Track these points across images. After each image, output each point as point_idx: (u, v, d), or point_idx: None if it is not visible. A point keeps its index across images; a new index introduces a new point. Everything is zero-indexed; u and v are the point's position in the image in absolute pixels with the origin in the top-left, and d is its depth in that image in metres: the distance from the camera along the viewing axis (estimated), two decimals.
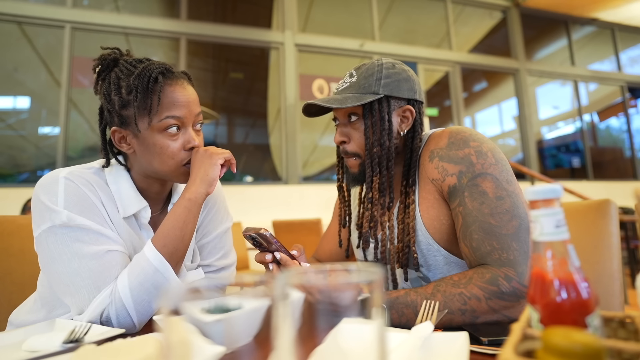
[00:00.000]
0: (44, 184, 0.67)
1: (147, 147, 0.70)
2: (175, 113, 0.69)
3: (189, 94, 0.71)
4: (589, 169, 5.78)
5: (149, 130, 0.69)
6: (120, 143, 0.72)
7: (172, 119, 0.68)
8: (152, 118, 0.68)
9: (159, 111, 0.68)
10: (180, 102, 0.69)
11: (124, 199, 0.72)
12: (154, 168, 0.71)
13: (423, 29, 5.47)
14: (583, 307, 0.28)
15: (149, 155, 0.70)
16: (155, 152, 0.69)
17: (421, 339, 0.44)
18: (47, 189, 0.66)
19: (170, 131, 0.69)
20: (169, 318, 0.21)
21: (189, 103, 0.70)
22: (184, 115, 0.70)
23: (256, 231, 0.68)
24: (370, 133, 0.73)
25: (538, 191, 0.30)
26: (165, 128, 0.69)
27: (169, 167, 0.71)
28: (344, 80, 0.78)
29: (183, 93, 0.70)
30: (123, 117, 0.69)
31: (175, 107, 0.69)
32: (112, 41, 4.06)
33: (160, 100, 0.67)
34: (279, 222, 3.08)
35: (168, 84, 0.69)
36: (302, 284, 0.25)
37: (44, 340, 0.53)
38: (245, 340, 0.24)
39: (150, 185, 0.77)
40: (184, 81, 0.72)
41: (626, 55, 6.47)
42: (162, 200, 0.83)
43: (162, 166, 0.70)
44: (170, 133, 0.69)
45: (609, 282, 0.79)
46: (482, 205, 0.64)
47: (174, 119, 0.69)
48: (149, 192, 0.78)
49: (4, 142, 3.80)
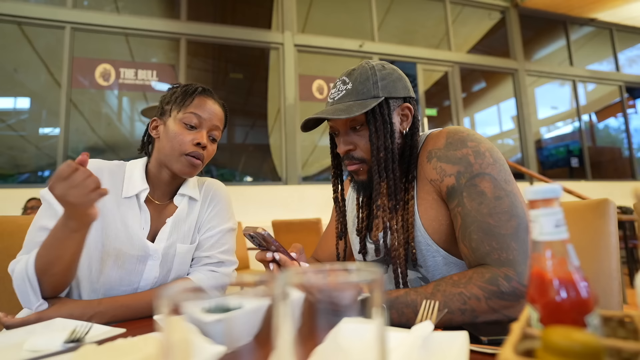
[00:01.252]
0: None
1: (168, 133, 0.85)
2: (198, 112, 0.85)
3: (216, 109, 0.88)
4: (588, 169, 5.79)
5: (176, 119, 0.85)
6: (152, 129, 0.89)
7: (194, 115, 0.85)
8: (182, 110, 0.85)
9: (188, 107, 0.85)
10: (206, 109, 0.86)
11: (131, 182, 0.86)
12: (165, 151, 0.85)
13: (422, 30, 5.48)
14: (582, 307, 0.29)
15: (167, 139, 0.84)
16: (172, 137, 0.84)
17: (421, 339, 0.44)
18: None
19: (188, 124, 0.84)
20: (169, 318, 0.21)
21: (212, 113, 0.87)
22: (204, 118, 0.85)
23: (254, 230, 0.68)
24: (375, 138, 0.72)
25: (538, 191, 0.30)
26: (187, 121, 0.84)
27: (174, 151, 0.83)
28: (338, 89, 0.76)
29: (211, 105, 0.88)
30: (164, 110, 0.88)
31: (200, 109, 0.86)
32: (112, 42, 4.07)
33: (193, 102, 0.86)
34: (278, 222, 3.08)
35: (204, 95, 0.88)
36: (302, 283, 0.25)
37: (45, 340, 0.53)
38: (245, 340, 0.24)
39: (160, 172, 0.88)
40: (216, 101, 0.90)
41: (624, 55, 6.48)
42: (170, 192, 0.91)
43: (171, 150, 0.83)
44: (188, 126, 0.84)
45: (607, 281, 0.79)
46: (481, 205, 0.64)
47: (196, 116, 0.85)
48: (158, 179, 0.89)
49: (4, 143, 3.79)
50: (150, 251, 0.82)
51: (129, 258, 0.80)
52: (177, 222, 0.88)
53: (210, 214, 0.93)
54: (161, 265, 0.83)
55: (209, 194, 0.96)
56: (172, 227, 0.87)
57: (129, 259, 0.80)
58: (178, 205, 0.90)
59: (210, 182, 0.99)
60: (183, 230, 0.88)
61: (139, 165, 0.89)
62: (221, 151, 4.63)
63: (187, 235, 0.89)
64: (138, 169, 0.88)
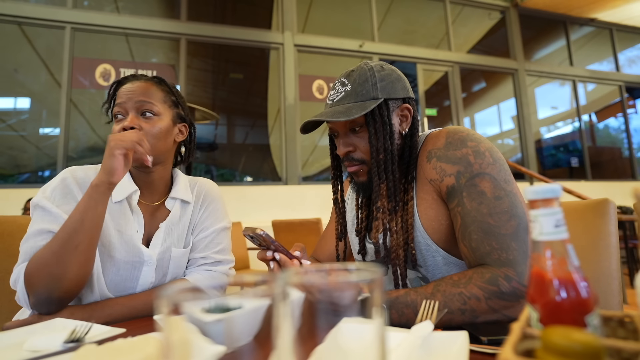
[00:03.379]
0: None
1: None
2: (118, 101, 0.82)
3: (134, 86, 0.83)
4: (588, 169, 5.79)
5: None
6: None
7: (116, 106, 0.83)
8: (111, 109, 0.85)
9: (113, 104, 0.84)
10: (123, 93, 0.82)
11: (119, 186, 0.82)
12: None
13: (422, 30, 5.48)
14: (582, 307, 0.29)
15: None
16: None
17: (421, 339, 0.44)
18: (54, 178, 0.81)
19: (116, 118, 0.83)
20: (169, 318, 0.21)
21: (130, 92, 0.82)
22: (124, 102, 0.82)
23: (253, 231, 0.68)
24: (374, 139, 0.72)
25: (537, 191, 0.30)
26: (115, 115, 0.83)
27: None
28: (337, 91, 0.76)
29: (129, 86, 0.83)
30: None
31: (119, 97, 0.83)
32: (112, 42, 4.07)
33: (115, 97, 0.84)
34: (278, 222, 3.08)
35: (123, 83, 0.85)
36: (302, 283, 0.25)
37: (45, 340, 0.53)
38: (245, 340, 0.24)
39: (136, 172, 0.86)
40: (136, 80, 0.85)
41: (624, 55, 6.48)
42: (160, 191, 0.89)
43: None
44: (116, 119, 0.83)
45: (607, 281, 0.79)
46: (481, 205, 0.64)
47: (117, 106, 0.82)
48: (139, 180, 0.86)
49: (4, 143, 3.79)
50: (145, 257, 0.81)
51: (124, 265, 0.79)
52: (171, 227, 0.87)
53: (203, 215, 0.92)
54: (157, 271, 0.83)
55: (201, 195, 0.94)
56: (166, 232, 0.85)
57: (124, 266, 0.79)
58: (170, 208, 0.89)
59: (202, 182, 0.98)
60: (177, 234, 0.87)
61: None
62: (221, 151, 4.63)
63: (181, 238, 0.88)
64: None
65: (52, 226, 0.72)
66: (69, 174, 0.80)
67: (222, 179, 4.62)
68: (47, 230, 0.72)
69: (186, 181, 0.94)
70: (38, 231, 0.73)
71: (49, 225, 0.73)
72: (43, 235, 0.72)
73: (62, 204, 0.76)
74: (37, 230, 0.73)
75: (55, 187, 0.78)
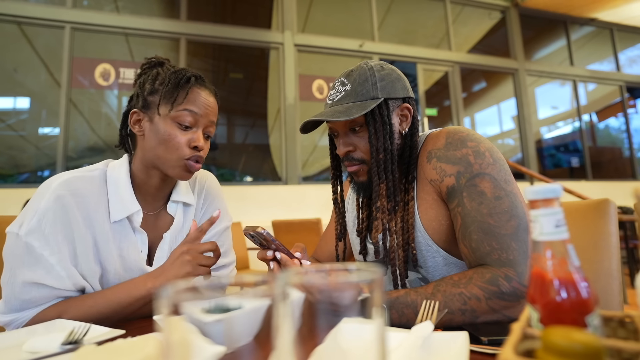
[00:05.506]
0: (39, 188, 0.71)
1: (157, 133, 0.74)
2: (194, 109, 0.75)
3: (211, 102, 0.78)
4: (588, 169, 5.79)
5: (167, 117, 0.74)
6: (134, 124, 0.77)
7: (189, 113, 0.74)
8: (174, 107, 0.74)
9: (182, 103, 0.74)
10: (202, 104, 0.76)
11: (118, 201, 0.75)
12: (156, 153, 0.75)
13: (422, 29, 5.47)
14: (583, 307, 0.28)
15: (157, 140, 0.74)
16: (164, 139, 0.74)
17: (421, 339, 0.44)
18: (38, 193, 0.70)
19: (183, 124, 0.74)
20: (169, 318, 0.21)
21: (208, 108, 0.77)
22: (200, 115, 0.75)
23: (254, 230, 0.68)
24: (374, 139, 0.72)
25: (538, 191, 0.30)
26: (181, 120, 0.74)
27: (170, 155, 0.74)
28: (337, 90, 0.75)
29: (207, 98, 0.77)
30: (147, 102, 0.76)
31: (196, 105, 0.75)
32: (112, 42, 4.07)
33: (187, 96, 0.75)
34: (278, 222, 3.08)
35: (198, 86, 0.77)
36: (302, 283, 0.25)
37: (44, 341, 0.53)
38: (245, 340, 0.24)
39: (149, 177, 0.78)
40: (211, 92, 0.79)
41: (625, 55, 6.48)
42: (162, 197, 0.83)
43: (165, 154, 0.74)
44: (182, 126, 0.74)
45: (608, 281, 0.79)
46: (481, 205, 0.64)
47: (191, 113, 0.74)
48: (148, 185, 0.79)
49: (4, 143, 3.79)
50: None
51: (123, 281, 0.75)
52: (175, 236, 0.82)
53: (204, 215, 0.89)
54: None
55: (202, 192, 0.90)
56: (171, 243, 0.81)
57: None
58: (172, 214, 0.83)
59: (201, 176, 0.92)
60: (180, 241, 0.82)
61: (123, 173, 0.77)
62: (221, 151, 4.63)
63: None
64: (122, 179, 0.76)
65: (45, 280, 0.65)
66: (65, 189, 0.68)
67: (222, 179, 4.62)
68: (40, 284, 0.65)
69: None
70: (25, 282, 0.65)
71: (41, 279, 0.65)
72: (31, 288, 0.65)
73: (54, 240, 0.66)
74: (24, 282, 0.65)
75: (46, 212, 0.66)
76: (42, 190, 0.69)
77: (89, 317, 0.66)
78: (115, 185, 0.76)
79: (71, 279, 0.68)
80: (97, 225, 0.72)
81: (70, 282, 0.69)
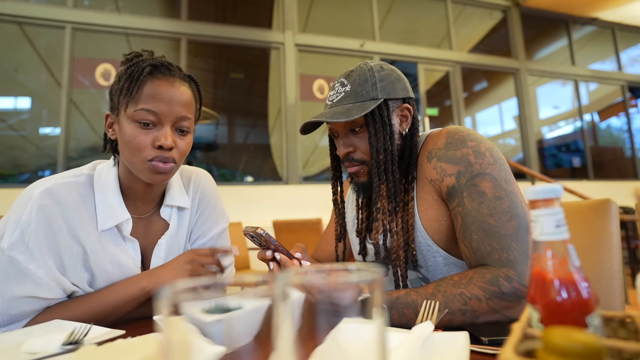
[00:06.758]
0: (20, 197, 0.68)
1: (122, 134, 0.68)
2: (151, 107, 0.66)
3: (176, 93, 0.68)
4: (590, 169, 5.78)
5: (125, 117, 0.68)
6: (108, 128, 0.73)
7: (146, 112, 0.66)
8: (129, 105, 0.67)
9: (137, 101, 0.67)
10: (162, 98, 0.67)
11: (107, 209, 0.71)
12: (125, 157, 0.70)
13: (423, 29, 5.47)
14: (583, 307, 0.28)
15: (122, 143, 0.69)
16: (127, 141, 0.67)
17: (421, 339, 0.44)
18: (19, 203, 0.66)
19: (142, 123, 0.67)
20: (169, 318, 0.21)
21: (171, 101, 0.68)
22: (161, 112, 0.67)
23: (254, 230, 0.68)
24: (374, 140, 0.72)
25: (538, 191, 0.30)
26: (139, 118, 0.67)
27: (134, 157, 0.68)
28: (336, 91, 0.75)
29: (168, 90, 0.68)
30: (113, 103, 0.71)
31: (153, 101, 0.67)
32: (112, 42, 4.07)
33: (140, 90, 0.66)
34: (279, 222, 3.08)
35: (155, 77, 0.68)
36: (302, 283, 0.25)
37: (43, 341, 0.52)
38: (245, 340, 0.24)
39: (133, 182, 0.74)
40: (177, 80, 0.70)
41: (626, 54, 6.46)
42: (152, 201, 0.79)
43: (130, 157, 0.68)
44: (142, 125, 0.67)
45: (609, 281, 0.79)
46: (481, 205, 0.64)
47: (149, 112, 0.66)
48: (134, 190, 0.75)
49: (4, 143, 3.80)
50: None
51: None
52: (171, 242, 0.79)
53: (200, 218, 0.85)
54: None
55: (197, 194, 0.86)
56: (167, 250, 0.78)
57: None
58: (167, 219, 0.80)
59: (196, 177, 0.88)
60: (177, 247, 0.80)
61: (111, 178, 0.73)
62: (222, 151, 4.63)
63: (180, 249, 0.81)
64: (111, 185, 0.72)
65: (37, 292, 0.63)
66: (48, 199, 0.65)
67: (223, 179, 4.62)
68: (31, 297, 0.64)
69: (179, 180, 0.85)
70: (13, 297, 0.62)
71: (32, 292, 0.63)
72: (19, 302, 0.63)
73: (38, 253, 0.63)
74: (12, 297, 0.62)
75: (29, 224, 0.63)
76: (23, 200, 0.66)
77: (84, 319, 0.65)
78: (103, 191, 0.71)
79: (61, 286, 0.67)
80: (84, 235, 0.68)
81: (61, 290, 0.67)
